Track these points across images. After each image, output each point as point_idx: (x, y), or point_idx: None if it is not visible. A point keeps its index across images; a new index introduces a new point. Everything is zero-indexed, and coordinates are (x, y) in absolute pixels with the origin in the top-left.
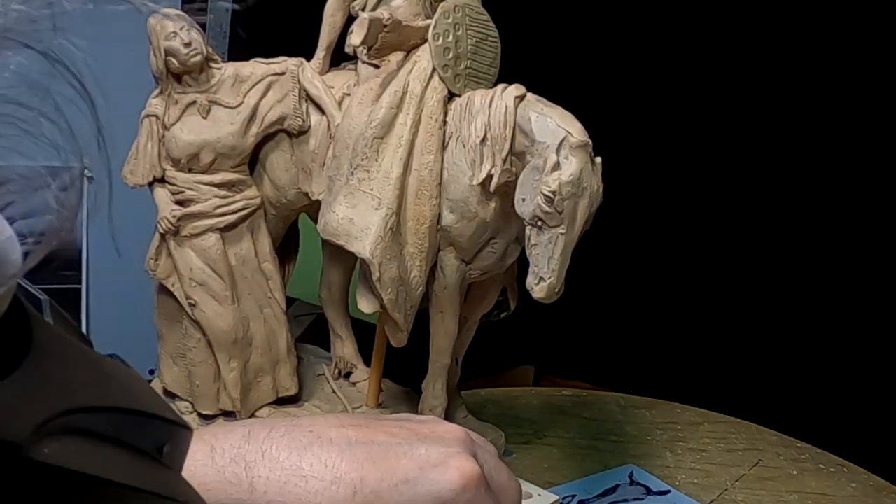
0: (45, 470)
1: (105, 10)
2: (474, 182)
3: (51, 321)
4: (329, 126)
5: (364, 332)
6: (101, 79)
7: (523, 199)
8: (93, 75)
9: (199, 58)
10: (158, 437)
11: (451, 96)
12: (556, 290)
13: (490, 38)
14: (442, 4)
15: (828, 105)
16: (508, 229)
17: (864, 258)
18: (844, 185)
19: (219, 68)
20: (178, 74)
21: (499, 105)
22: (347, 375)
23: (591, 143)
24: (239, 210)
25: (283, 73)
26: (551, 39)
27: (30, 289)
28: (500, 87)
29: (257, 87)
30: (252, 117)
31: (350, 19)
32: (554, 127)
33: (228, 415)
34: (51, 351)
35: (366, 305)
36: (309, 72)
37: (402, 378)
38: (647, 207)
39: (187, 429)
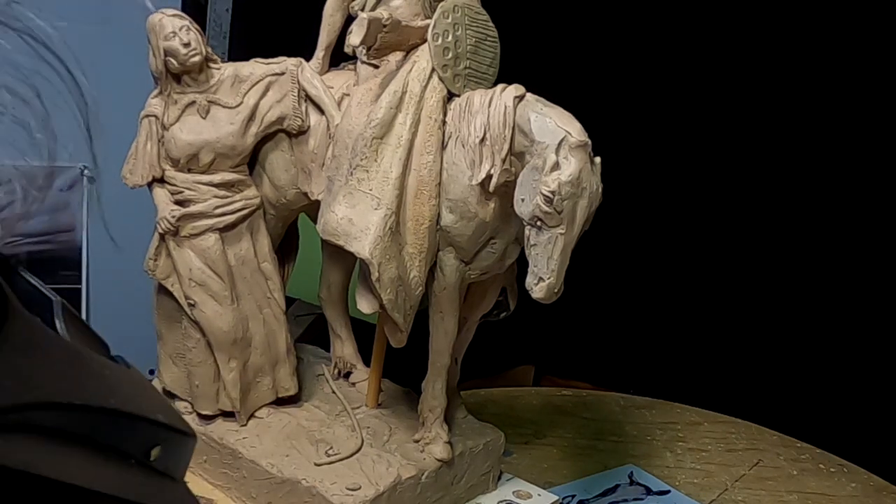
0: None
1: None
2: (474, 182)
3: (62, 323)
4: (328, 126)
5: (364, 332)
6: (81, 59)
7: (522, 199)
8: (73, 54)
9: (198, 58)
10: (146, 439)
11: (450, 96)
12: (556, 291)
13: (489, 38)
14: (441, 4)
15: (827, 106)
16: (508, 229)
17: (863, 258)
18: (844, 186)
19: (218, 68)
20: (178, 74)
21: (498, 105)
22: (347, 375)
23: (590, 143)
24: (238, 210)
25: (282, 73)
26: (551, 39)
27: (42, 289)
28: (500, 87)
29: (257, 87)
30: (251, 117)
31: (350, 19)
32: (553, 127)
33: (228, 415)
34: (23, 342)
35: (365, 306)
36: (308, 72)
37: (402, 378)
38: (647, 207)
39: (188, 434)
